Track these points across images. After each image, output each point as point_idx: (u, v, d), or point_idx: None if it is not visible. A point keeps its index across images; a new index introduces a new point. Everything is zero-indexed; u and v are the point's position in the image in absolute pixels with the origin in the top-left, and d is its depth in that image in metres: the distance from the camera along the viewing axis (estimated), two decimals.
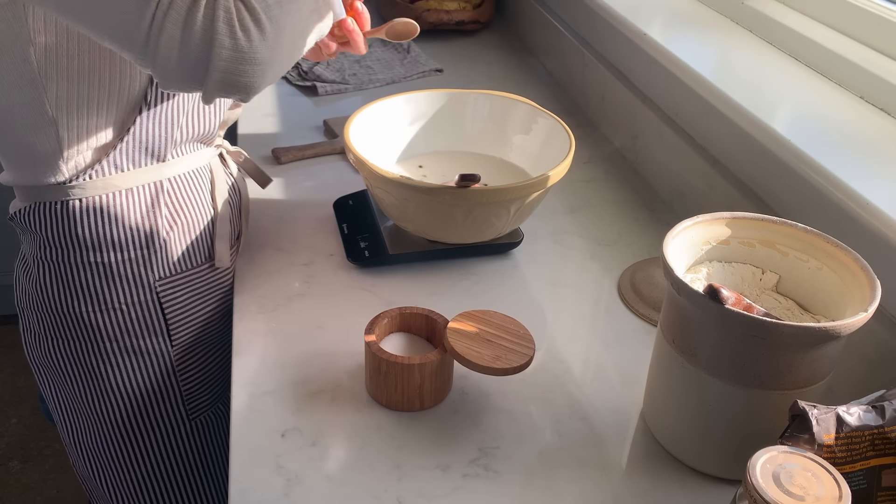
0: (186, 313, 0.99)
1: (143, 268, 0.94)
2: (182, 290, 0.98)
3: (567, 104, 1.52)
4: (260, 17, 0.75)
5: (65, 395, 1.01)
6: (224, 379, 1.07)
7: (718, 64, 1.15)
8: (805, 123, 0.97)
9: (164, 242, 0.95)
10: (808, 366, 0.68)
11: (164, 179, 0.93)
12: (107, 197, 0.91)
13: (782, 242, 0.79)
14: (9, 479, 1.99)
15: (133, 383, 0.98)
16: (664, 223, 1.12)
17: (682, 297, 0.70)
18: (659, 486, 0.76)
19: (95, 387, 0.98)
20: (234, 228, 1.04)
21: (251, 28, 0.75)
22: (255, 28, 0.75)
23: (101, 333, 0.95)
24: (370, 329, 0.84)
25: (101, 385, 0.97)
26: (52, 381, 1.01)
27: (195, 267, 0.99)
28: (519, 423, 0.82)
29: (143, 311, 0.96)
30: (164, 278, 0.96)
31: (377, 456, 0.78)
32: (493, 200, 0.96)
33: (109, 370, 0.97)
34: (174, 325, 0.98)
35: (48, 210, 0.91)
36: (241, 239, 1.06)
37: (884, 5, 1.06)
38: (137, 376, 0.98)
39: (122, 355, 0.97)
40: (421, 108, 1.15)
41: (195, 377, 1.02)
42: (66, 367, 0.98)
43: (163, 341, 0.98)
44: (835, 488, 0.56)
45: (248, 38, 0.74)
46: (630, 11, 1.32)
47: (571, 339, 0.95)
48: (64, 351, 0.97)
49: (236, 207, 1.05)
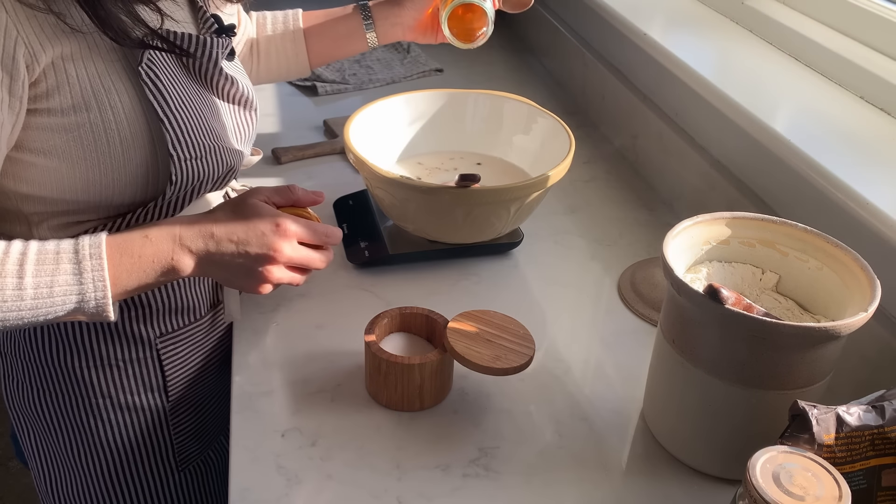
0: (186, 367, 0.95)
1: (144, 324, 0.89)
2: (182, 345, 0.93)
3: (567, 104, 1.52)
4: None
5: (46, 445, 0.95)
6: (216, 426, 1.02)
7: (718, 64, 1.15)
8: (805, 123, 0.97)
9: (167, 298, 0.90)
10: (808, 366, 0.68)
11: None
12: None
13: (782, 242, 0.79)
14: (9, 479, 1.99)
15: (123, 437, 0.93)
16: (664, 223, 1.12)
17: (682, 297, 0.70)
18: (659, 486, 0.76)
19: (82, 440, 0.92)
20: None
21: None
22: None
23: (95, 389, 0.90)
24: (370, 329, 0.84)
25: (88, 439, 0.92)
26: (34, 429, 0.95)
27: (198, 320, 0.94)
28: (519, 423, 0.82)
29: (141, 367, 0.91)
30: (164, 335, 0.91)
31: (377, 456, 0.78)
32: (493, 200, 0.96)
33: (99, 425, 0.92)
34: (172, 380, 0.93)
35: None
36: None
37: (884, 5, 1.06)
38: (128, 430, 0.93)
39: (114, 411, 0.91)
40: (421, 108, 1.15)
41: (188, 429, 0.97)
42: (50, 419, 0.92)
43: (158, 396, 0.93)
44: (835, 488, 0.56)
45: None
46: (630, 11, 1.32)
47: (571, 339, 0.95)
48: (51, 403, 0.91)
49: None
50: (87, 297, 0.74)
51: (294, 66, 1.14)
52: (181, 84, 0.81)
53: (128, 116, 0.77)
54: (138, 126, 0.77)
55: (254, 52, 1.13)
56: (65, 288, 0.73)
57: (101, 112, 0.75)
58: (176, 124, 0.79)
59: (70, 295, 0.73)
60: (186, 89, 0.81)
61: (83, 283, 0.74)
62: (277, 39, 1.13)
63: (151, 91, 0.77)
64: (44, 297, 0.72)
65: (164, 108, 0.78)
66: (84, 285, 0.74)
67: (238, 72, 0.92)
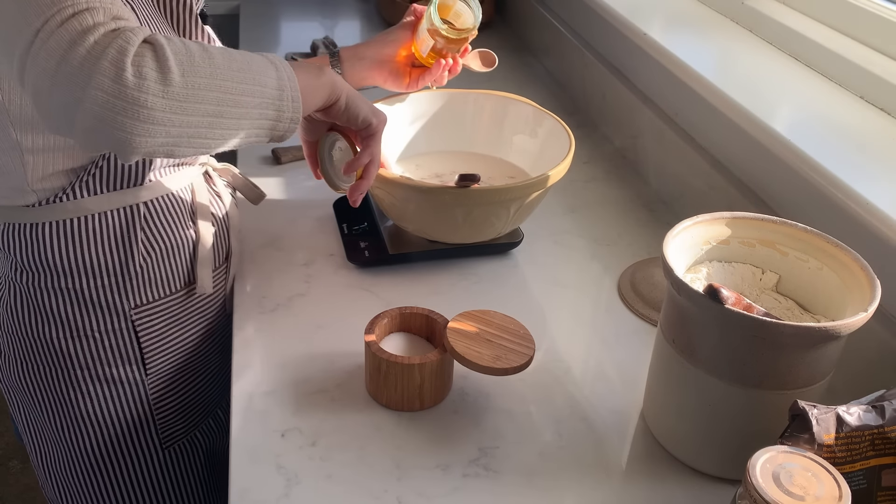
0: (163, 341, 0.95)
1: (118, 295, 0.90)
2: (159, 318, 0.94)
3: (567, 104, 1.52)
4: (168, 66, 0.63)
5: (35, 421, 0.97)
6: (203, 406, 1.03)
7: (718, 64, 1.15)
8: (805, 123, 0.97)
9: (140, 269, 0.90)
10: (808, 366, 0.68)
11: (140, 203, 0.88)
12: (78, 221, 0.86)
13: (782, 242, 0.79)
14: (9, 479, 1.99)
15: (105, 412, 0.94)
16: (664, 223, 1.12)
17: (682, 297, 0.70)
18: (659, 486, 0.76)
19: (66, 414, 0.94)
20: (219, 250, 0.99)
21: (149, 75, 0.63)
22: (157, 76, 0.63)
23: (73, 361, 0.91)
24: (370, 329, 0.84)
25: (72, 413, 0.94)
26: (23, 405, 0.97)
27: (173, 293, 0.94)
28: (519, 423, 0.82)
29: (117, 339, 0.92)
30: (139, 306, 0.91)
31: (377, 456, 0.78)
32: (493, 200, 0.96)
33: (81, 398, 0.93)
34: (149, 353, 0.94)
35: (19, 232, 0.86)
36: (230, 259, 1.02)
37: (884, 5, 1.06)
38: (110, 405, 0.94)
39: (94, 384, 0.92)
40: (421, 108, 1.15)
41: (171, 406, 0.98)
42: (36, 393, 0.94)
43: (137, 370, 0.94)
44: (835, 488, 0.56)
45: (139, 84, 0.62)
46: (630, 11, 1.32)
47: (571, 339, 0.95)
48: (34, 377, 0.93)
49: (223, 228, 0.99)
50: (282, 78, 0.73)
51: None
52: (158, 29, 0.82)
53: None
54: None
55: None
56: (262, 66, 0.72)
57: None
58: None
59: (268, 71, 0.72)
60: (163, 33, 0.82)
61: (278, 69, 0.73)
62: None
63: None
64: (245, 65, 0.70)
65: None
66: (279, 70, 0.73)
67: (212, 33, 0.93)
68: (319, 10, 1.98)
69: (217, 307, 1.01)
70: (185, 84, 0.65)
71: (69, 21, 0.61)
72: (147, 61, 0.63)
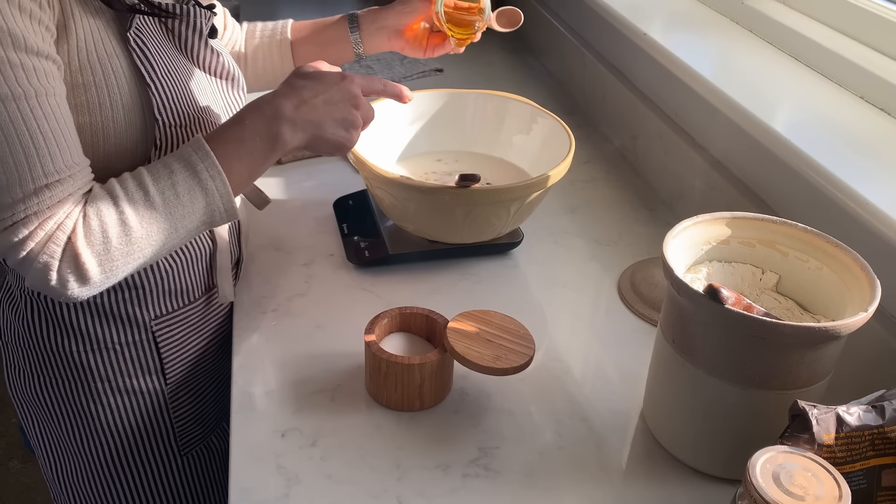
0: (182, 350, 0.95)
1: (138, 307, 0.90)
2: (178, 328, 0.94)
3: (567, 104, 1.52)
4: (84, 271, 0.73)
5: (50, 433, 0.97)
6: (218, 411, 1.03)
7: (718, 64, 1.15)
8: (805, 123, 0.97)
9: (160, 280, 0.90)
10: (808, 366, 0.68)
11: None
12: None
13: (782, 242, 0.79)
14: (9, 479, 1.99)
15: (124, 422, 0.94)
16: (664, 223, 1.12)
17: (682, 297, 0.70)
18: (659, 486, 0.76)
19: (84, 426, 0.94)
20: (232, 257, 1.00)
21: (69, 282, 0.73)
22: (77, 283, 0.73)
23: (93, 373, 0.91)
24: (370, 329, 0.84)
25: (90, 424, 0.93)
26: (37, 417, 0.96)
27: (192, 302, 0.95)
28: (519, 423, 0.82)
29: (137, 350, 0.92)
30: (159, 317, 0.92)
31: (377, 456, 0.78)
32: (493, 200, 0.96)
33: (99, 409, 0.93)
34: (169, 363, 0.94)
35: None
36: (240, 265, 1.03)
37: (884, 5, 1.06)
38: (129, 415, 0.94)
39: (113, 395, 0.92)
40: (421, 108, 1.15)
41: (188, 413, 0.98)
42: (52, 406, 0.94)
43: (156, 379, 0.94)
44: (835, 488, 0.56)
45: (63, 287, 0.73)
46: (630, 11, 1.32)
47: (571, 339, 0.95)
48: (51, 389, 0.93)
49: (235, 235, 1.00)
50: (208, 188, 0.77)
51: (280, 73, 1.14)
52: (167, 54, 0.83)
53: (128, 81, 0.78)
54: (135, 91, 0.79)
55: (241, 58, 1.14)
56: (187, 185, 0.77)
57: (105, 76, 0.77)
58: (162, 91, 0.81)
59: (195, 191, 0.77)
60: (172, 60, 0.84)
61: (199, 175, 0.77)
62: (265, 47, 1.14)
63: (139, 57, 0.79)
64: (171, 200, 0.76)
65: (150, 74, 0.80)
66: (200, 175, 0.77)
67: (222, 49, 0.93)
68: (320, 9, 1.98)
69: (228, 312, 1.01)
70: (103, 271, 0.74)
71: (5, 232, 0.72)
72: (66, 273, 0.73)
